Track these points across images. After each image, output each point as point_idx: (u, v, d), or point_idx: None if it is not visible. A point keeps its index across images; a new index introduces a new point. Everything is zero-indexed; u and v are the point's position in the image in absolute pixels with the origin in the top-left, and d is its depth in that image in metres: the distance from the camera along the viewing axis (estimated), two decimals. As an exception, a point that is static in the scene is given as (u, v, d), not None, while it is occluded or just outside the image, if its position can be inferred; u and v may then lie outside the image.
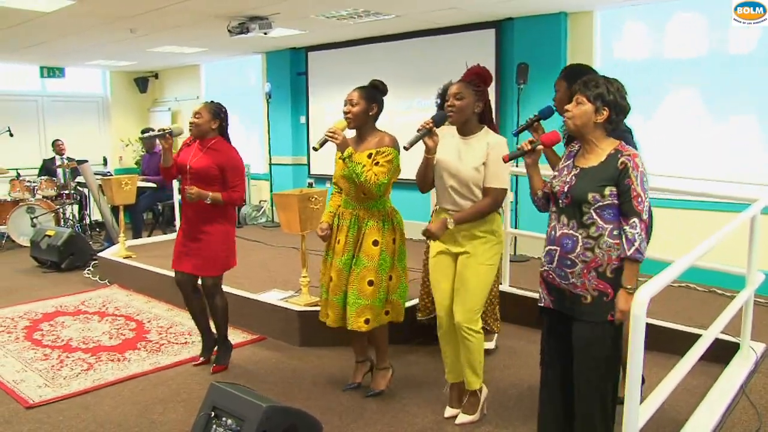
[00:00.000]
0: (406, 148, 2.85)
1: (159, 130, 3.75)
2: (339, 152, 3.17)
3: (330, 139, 3.07)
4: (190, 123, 3.68)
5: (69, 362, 3.98)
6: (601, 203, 2.32)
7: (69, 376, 3.75)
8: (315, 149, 3.11)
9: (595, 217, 2.33)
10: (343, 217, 3.30)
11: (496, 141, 2.90)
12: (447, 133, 3.00)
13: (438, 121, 2.87)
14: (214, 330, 3.93)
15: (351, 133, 3.26)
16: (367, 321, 3.20)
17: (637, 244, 2.27)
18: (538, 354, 2.68)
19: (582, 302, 2.38)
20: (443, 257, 3.03)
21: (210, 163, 3.63)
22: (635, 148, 2.83)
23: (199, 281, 3.81)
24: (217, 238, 3.69)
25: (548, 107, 3.20)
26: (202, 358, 3.93)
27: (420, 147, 2.89)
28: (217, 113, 3.70)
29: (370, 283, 3.18)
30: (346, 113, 3.19)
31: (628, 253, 2.28)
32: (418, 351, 4.08)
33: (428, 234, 2.89)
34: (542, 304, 2.54)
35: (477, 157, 2.88)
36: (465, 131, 2.96)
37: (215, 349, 3.94)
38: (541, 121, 3.13)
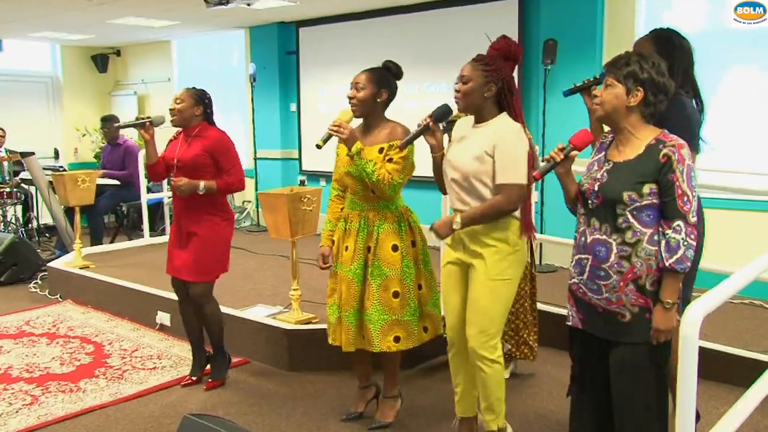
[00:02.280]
0: (401, 148, 2.90)
1: (137, 119, 3.82)
2: (343, 147, 3.19)
3: (335, 134, 3.07)
4: (171, 110, 3.77)
5: (7, 396, 3.96)
6: (638, 204, 2.30)
7: (7, 413, 3.73)
8: (318, 147, 3.10)
9: (631, 219, 2.32)
10: (350, 219, 3.30)
11: (504, 128, 2.83)
12: (465, 122, 3.01)
13: (438, 116, 2.87)
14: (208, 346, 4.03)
15: (355, 123, 3.27)
16: (396, 339, 3.21)
17: (681, 252, 2.24)
18: (568, 381, 2.68)
19: (619, 320, 2.38)
20: (453, 268, 3.02)
21: (197, 151, 3.73)
22: (699, 129, 2.83)
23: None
24: (212, 238, 3.79)
25: None
26: (192, 378, 4.01)
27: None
28: (201, 99, 3.80)
29: (396, 294, 3.19)
30: (350, 98, 3.19)
31: (667, 263, 2.25)
32: (431, 375, 4.09)
33: (434, 231, 2.85)
34: (570, 324, 2.54)
35: (478, 146, 2.83)
36: (478, 119, 2.94)
37: (208, 366, 4.04)
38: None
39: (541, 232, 5.95)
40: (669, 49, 2.91)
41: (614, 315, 2.38)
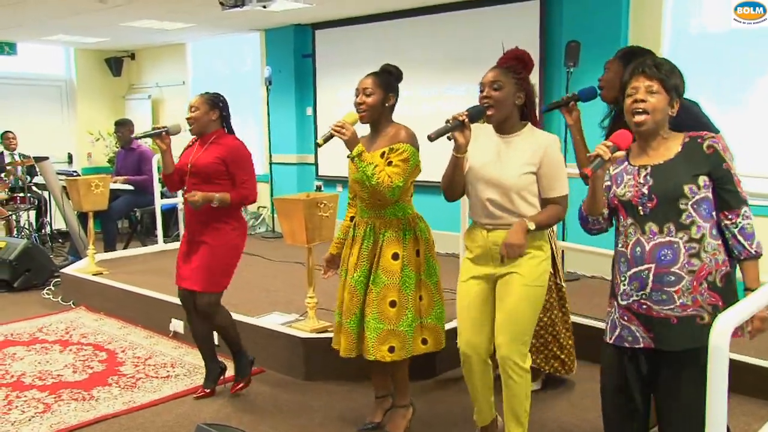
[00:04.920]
0: (430, 138, 2.83)
1: (153, 129, 3.84)
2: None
3: (336, 134, 3.06)
4: (188, 119, 3.79)
5: (20, 403, 3.98)
6: (698, 195, 2.30)
7: (19, 421, 3.75)
8: (318, 145, 3.16)
9: (693, 214, 2.30)
10: (358, 227, 3.34)
11: (548, 141, 2.88)
12: (481, 132, 2.97)
13: (474, 115, 2.83)
14: (220, 356, 4.06)
15: (363, 129, 3.27)
16: (391, 349, 3.21)
17: (756, 236, 2.31)
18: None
19: (697, 324, 2.30)
20: (476, 283, 3.00)
21: (212, 158, 3.73)
22: (712, 124, 2.85)
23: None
24: (221, 249, 3.77)
25: (591, 88, 3.22)
26: (205, 390, 4.01)
27: (446, 145, 2.87)
28: (215, 103, 3.81)
29: (393, 303, 3.19)
30: (359, 105, 3.20)
31: (752, 250, 2.30)
32: (445, 386, 4.09)
33: (509, 250, 2.77)
34: (639, 345, 2.40)
35: (523, 160, 2.85)
36: (505, 129, 2.92)
37: (222, 377, 4.06)
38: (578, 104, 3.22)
39: (563, 240, 5.92)
40: None
41: (692, 320, 2.30)
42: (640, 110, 2.33)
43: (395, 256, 3.21)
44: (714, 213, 2.34)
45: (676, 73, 2.35)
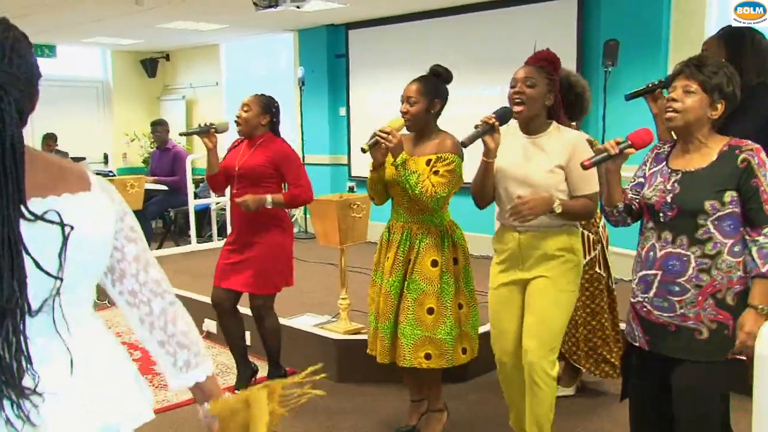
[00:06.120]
0: (464, 144, 2.85)
1: (200, 126, 3.83)
2: (390, 157, 3.17)
3: (382, 141, 3.03)
4: (237, 117, 3.77)
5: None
6: (720, 212, 2.25)
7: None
8: (363, 151, 3.10)
9: (712, 230, 2.26)
10: (393, 231, 3.30)
11: (577, 138, 2.86)
12: (506, 132, 2.96)
13: (501, 116, 2.84)
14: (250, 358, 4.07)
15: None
16: (428, 356, 3.18)
17: None
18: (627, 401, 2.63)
19: (695, 338, 2.30)
20: (507, 290, 3.00)
21: (261, 160, 3.71)
22: None
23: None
24: (273, 249, 3.77)
25: None
26: (236, 392, 3.99)
27: (476, 148, 2.86)
28: (268, 107, 3.81)
29: (430, 311, 3.16)
30: (403, 113, 3.16)
31: (763, 269, 2.19)
32: (480, 390, 4.06)
33: (521, 206, 2.70)
34: (636, 343, 2.48)
35: (551, 157, 2.84)
36: (532, 129, 2.91)
37: (254, 379, 4.05)
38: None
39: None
40: (741, 49, 2.86)
41: (690, 332, 2.31)
42: (671, 109, 2.30)
43: (434, 263, 3.18)
44: (740, 228, 2.28)
45: (723, 72, 2.27)
